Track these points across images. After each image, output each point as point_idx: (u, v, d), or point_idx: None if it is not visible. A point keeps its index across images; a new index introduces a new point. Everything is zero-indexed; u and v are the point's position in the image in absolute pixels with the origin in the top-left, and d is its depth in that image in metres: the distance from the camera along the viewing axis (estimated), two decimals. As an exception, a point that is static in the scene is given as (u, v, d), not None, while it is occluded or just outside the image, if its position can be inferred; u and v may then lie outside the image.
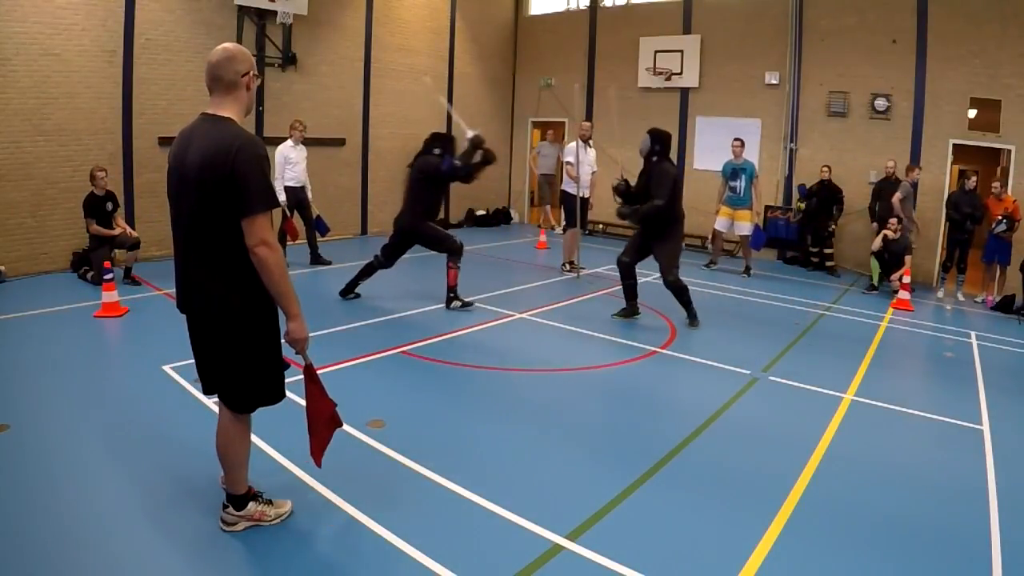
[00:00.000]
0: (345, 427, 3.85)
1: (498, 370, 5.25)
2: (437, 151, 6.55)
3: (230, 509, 2.88)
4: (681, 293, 6.60)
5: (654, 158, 6.43)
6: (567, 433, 4.22)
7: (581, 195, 8.80)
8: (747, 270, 9.62)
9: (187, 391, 4.37)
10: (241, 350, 2.67)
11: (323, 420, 2.95)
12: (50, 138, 7.64)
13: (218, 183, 2.43)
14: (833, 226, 10.08)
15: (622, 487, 3.46)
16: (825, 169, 9.99)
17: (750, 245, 9.60)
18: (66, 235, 7.79)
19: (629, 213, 6.54)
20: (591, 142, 9.06)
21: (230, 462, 2.82)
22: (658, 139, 6.45)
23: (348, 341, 5.67)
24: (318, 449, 2.98)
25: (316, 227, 9.00)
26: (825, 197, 9.94)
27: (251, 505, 2.90)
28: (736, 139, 9.65)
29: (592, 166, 9.05)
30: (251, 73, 2.64)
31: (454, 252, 6.78)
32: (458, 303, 6.85)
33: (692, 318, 6.68)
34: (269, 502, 2.98)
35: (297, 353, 2.76)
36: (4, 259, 7.34)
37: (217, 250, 2.53)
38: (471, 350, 5.65)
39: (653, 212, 6.32)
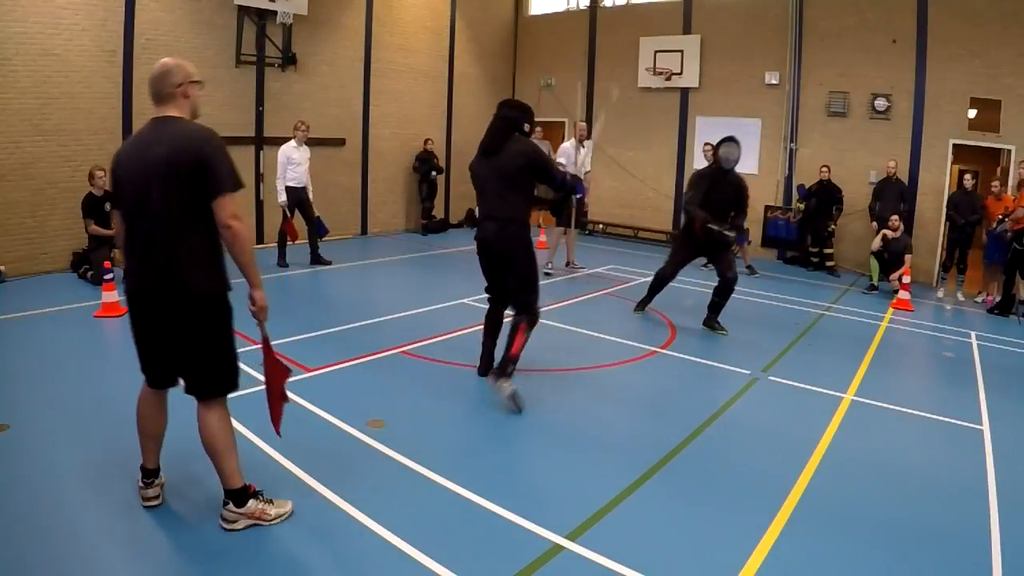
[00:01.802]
0: (345, 427, 3.88)
1: (498, 370, 5.23)
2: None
3: (230, 506, 2.88)
4: (729, 293, 6.48)
5: (735, 168, 6.30)
6: (567, 433, 4.21)
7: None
8: (750, 268, 9.56)
9: (187, 391, 4.37)
10: (212, 333, 2.81)
11: (276, 393, 3.06)
12: (50, 138, 7.64)
13: (190, 171, 2.64)
14: (833, 226, 10.08)
15: (622, 487, 3.45)
16: (825, 169, 9.99)
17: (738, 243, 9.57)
18: (66, 235, 7.79)
19: (733, 232, 6.22)
20: (587, 142, 9.06)
21: (217, 453, 2.85)
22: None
23: (348, 341, 5.66)
24: (276, 419, 3.08)
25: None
26: (825, 197, 9.94)
27: (252, 503, 2.91)
28: (706, 143, 9.28)
29: (586, 166, 9.03)
30: (187, 82, 2.80)
31: (533, 311, 4.56)
32: (508, 386, 4.35)
33: (717, 323, 6.55)
34: (270, 501, 2.98)
35: (258, 324, 2.89)
36: (4, 259, 7.34)
37: (188, 234, 2.68)
38: (471, 350, 5.63)
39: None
